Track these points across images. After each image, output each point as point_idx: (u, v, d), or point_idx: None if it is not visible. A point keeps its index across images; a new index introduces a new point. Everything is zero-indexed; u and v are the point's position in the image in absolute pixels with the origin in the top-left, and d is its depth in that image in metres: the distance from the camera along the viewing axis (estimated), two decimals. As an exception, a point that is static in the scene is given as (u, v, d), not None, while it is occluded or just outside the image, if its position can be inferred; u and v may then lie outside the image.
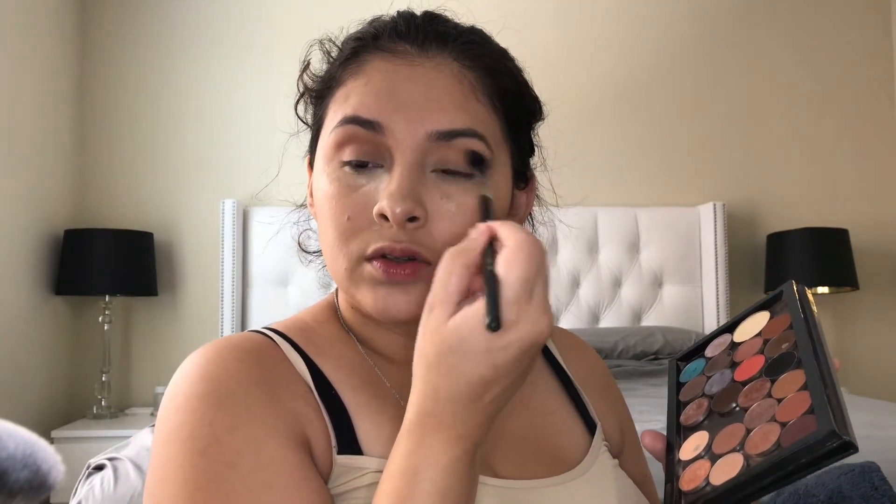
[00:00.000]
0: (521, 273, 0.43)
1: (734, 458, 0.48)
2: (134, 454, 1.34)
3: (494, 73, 0.58)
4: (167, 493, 0.48)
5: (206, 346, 0.54)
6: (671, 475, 0.52)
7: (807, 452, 0.44)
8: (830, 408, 0.45)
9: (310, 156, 0.64)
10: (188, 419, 0.49)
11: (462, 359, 0.43)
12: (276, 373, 0.54)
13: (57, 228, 2.64)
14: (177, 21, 2.88)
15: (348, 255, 0.55)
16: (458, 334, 0.43)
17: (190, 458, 0.48)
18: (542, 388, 0.66)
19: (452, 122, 0.54)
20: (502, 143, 0.58)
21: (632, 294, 2.86)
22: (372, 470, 0.52)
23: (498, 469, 0.57)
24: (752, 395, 0.52)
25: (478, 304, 0.43)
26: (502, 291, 0.42)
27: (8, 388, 2.32)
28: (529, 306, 0.42)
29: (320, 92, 0.61)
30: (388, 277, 0.53)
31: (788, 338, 0.55)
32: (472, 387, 0.43)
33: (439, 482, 0.44)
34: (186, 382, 0.51)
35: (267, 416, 0.51)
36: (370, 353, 0.60)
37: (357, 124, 0.55)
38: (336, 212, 0.55)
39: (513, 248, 0.44)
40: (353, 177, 0.55)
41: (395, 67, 0.56)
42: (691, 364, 0.63)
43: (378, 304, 0.54)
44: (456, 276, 0.44)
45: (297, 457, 0.50)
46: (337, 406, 0.54)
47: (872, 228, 3.03)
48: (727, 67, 3.07)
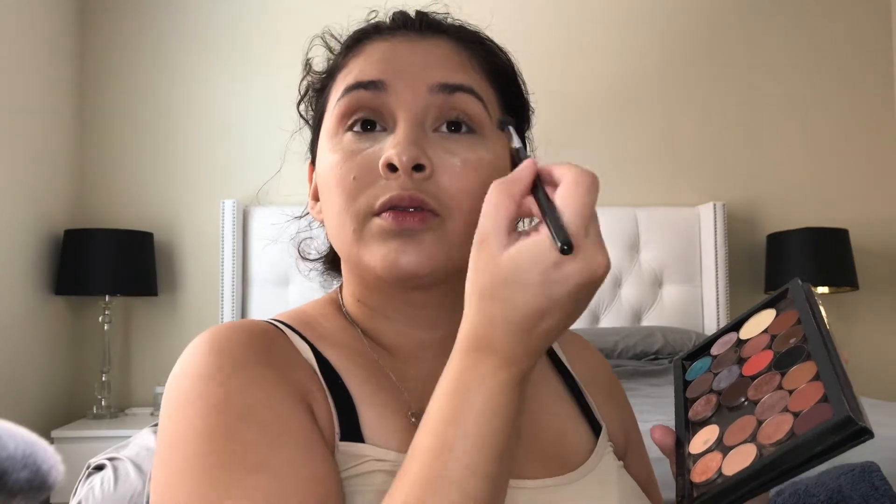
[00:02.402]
0: (578, 207, 0.43)
1: (747, 449, 0.48)
2: (134, 454, 1.34)
3: (490, 52, 0.62)
4: (180, 453, 0.47)
5: (211, 329, 0.54)
6: (682, 469, 0.52)
7: (822, 439, 0.43)
8: (844, 395, 0.45)
9: (311, 156, 0.65)
10: (198, 384, 0.49)
11: (519, 290, 0.43)
12: (283, 355, 0.54)
13: (57, 228, 2.64)
14: (177, 21, 2.88)
15: (356, 213, 0.55)
16: (515, 265, 0.43)
17: (203, 415, 0.48)
18: (547, 390, 0.66)
19: (453, 77, 0.56)
20: (500, 115, 0.60)
21: (632, 294, 2.86)
22: (373, 458, 0.51)
23: None
24: (762, 388, 0.52)
25: (535, 237, 0.43)
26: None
27: (8, 388, 2.32)
28: (587, 240, 0.42)
29: (323, 83, 0.63)
30: (398, 225, 0.53)
31: (796, 333, 0.55)
32: (528, 317, 0.43)
33: (488, 402, 0.44)
34: (196, 356, 0.51)
35: (279, 380, 0.51)
36: (375, 347, 0.60)
37: (360, 88, 0.56)
38: (342, 174, 0.55)
39: (570, 183, 0.44)
40: (357, 142, 0.56)
41: (395, 45, 0.59)
42: (697, 362, 0.63)
43: (388, 258, 0.53)
44: (504, 208, 0.45)
45: (309, 419, 0.50)
46: (342, 393, 0.54)
47: (872, 228, 3.03)
48: (727, 67, 3.07)
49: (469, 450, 0.43)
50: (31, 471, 0.91)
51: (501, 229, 0.44)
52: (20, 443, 0.92)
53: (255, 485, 0.45)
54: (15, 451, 0.90)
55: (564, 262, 0.42)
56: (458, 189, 0.54)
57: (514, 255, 0.43)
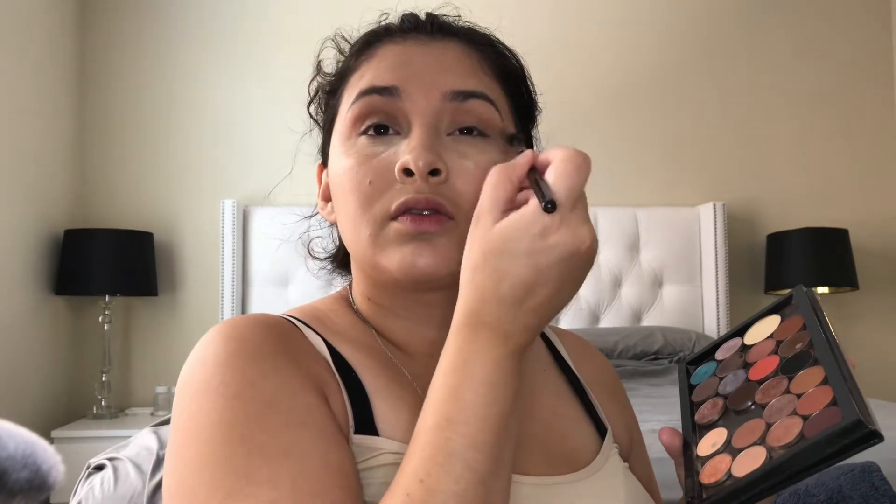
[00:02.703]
0: (567, 182, 0.46)
1: (756, 451, 0.48)
2: (134, 454, 1.34)
3: (499, 55, 0.62)
4: (200, 441, 0.46)
5: (225, 321, 0.53)
6: (691, 470, 0.52)
7: (832, 442, 0.44)
8: (854, 399, 0.45)
9: (322, 158, 0.65)
10: (218, 370, 0.49)
11: (506, 260, 0.45)
12: (298, 347, 0.54)
13: (57, 228, 2.64)
14: (177, 21, 2.88)
15: (372, 218, 0.55)
16: (503, 237, 0.45)
17: (223, 402, 0.47)
18: (553, 390, 0.66)
19: (465, 84, 0.57)
20: (510, 118, 0.61)
21: (632, 294, 2.86)
22: (388, 451, 0.51)
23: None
24: (770, 392, 0.52)
25: (524, 209, 0.46)
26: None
27: (8, 388, 2.32)
28: (573, 214, 0.45)
29: (334, 85, 0.64)
30: (416, 228, 0.54)
31: (802, 338, 0.55)
32: (515, 289, 0.45)
33: (488, 374, 0.45)
34: (212, 346, 0.51)
35: (297, 371, 0.51)
36: (386, 344, 0.60)
37: (374, 93, 0.57)
38: (358, 179, 0.56)
39: (561, 160, 0.47)
40: (372, 146, 0.57)
41: (407, 49, 0.59)
42: (702, 367, 0.63)
43: (405, 261, 0.54)
44: (502, 188, 0.47)
45: (327, 410, 0.50)
46: (356, 386, 0.54)
47: (872, 228, 3.03)
48: (727, 67, 3.07)
49: (470, 421, 0.44)
50: (31, 471, 0.91)
51: (497, 207, 0.47)
52: (20, 443, 0.92)
53: (279, 471, 0.45)
54: (15, 451, 0.90)
55: (550, 231, 0.44)
56: (472, 192, 0.54)
57: (504, 226, 0.46)
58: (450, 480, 0.43)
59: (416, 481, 0.43)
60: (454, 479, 0.43)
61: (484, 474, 0.44)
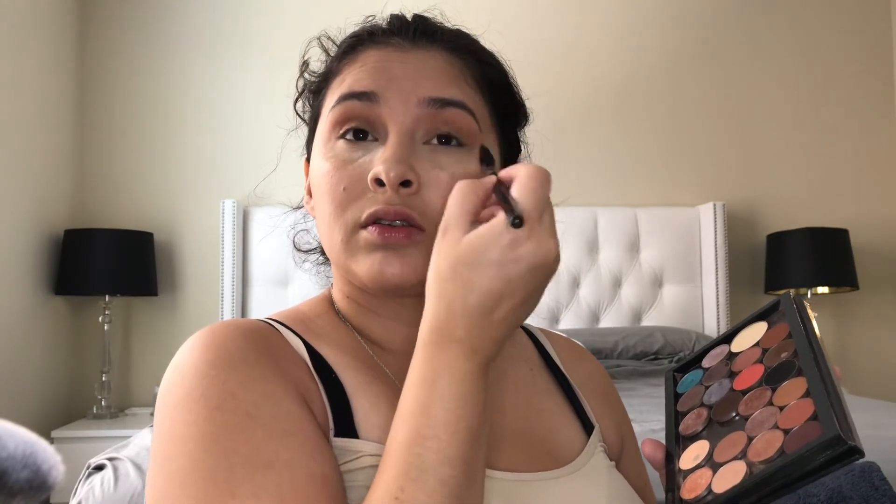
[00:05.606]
0: (531, 197, 0.47)
1: (737, 466, 0.48)
2: (134, 454, 1.34)
3: (482, 63, 0.62)
4: (182, 453, 0.46)
5: (205, 329, 0.54)
6: (672, 485, 0.52)
7: (812, 458, 0.43)
8: (835, 413, 0.45)
9: (307, 154, 0.65)
10: (198, 381, 0.49)
11: (475, 271, 0.46)
12: (278, 351, 0.54)
13: (57, 228, 2.64)
14: (176, 21, 2.88)
15: (344, 224, 0.56)
16: (472, 248, 0.46)
17: (205, 414, 0.47)
18: (540, 388, 0.66)
19: (443, 92, 0.57)
20: (490, 128, 0.61)
21: (632, 294, 2.86)
22: (367, 453, 0.51)
23: (491, 462, 0.56)
24: (753, 403, 0.52)
25: (492, 221, 0.46)
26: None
27: (8, 388, 2.32)
28: (540, 226, 0.46)
29: (318, 85, 0.64)
30: (384, 240, 0.54)
31: (788, 347, 0.55)
32: (484, 299, 0.46)
33: (457, 389, 0.46)
34: (192, 354, 0.51)
35: (278, 377, 0.51)
36: (368, 343, 0.61)
37: (353, 98, 0.57)
38: (332, 184, 0.56)
39: (525, 175, 0.48)
40: (349, 151, 0.57)
41: (388, 55, 0.59)
42: (688, 375, 0.63)
43: (373, 269, 0.55)
44: (469, 201, 0.48)
45: (310, 416, 0.51)
46: (336, 388, 0.55)
47: (872, 228, 3.03)
48: (727, 67, 3.07)
49: (440, 436, 0.45)
50: (32, 471, 0.91)
51: (464, 220, 0.48)
52: (20, 443, 0.92)
53: (264, 483, 0.45)
54: (15, 451, 0.90)
55: (519, 243, 0.45)
56: (444, 202, 0.54)
57: (473, 239, 0.46)
58: (423, 496, 0.44)
59: (391, 498, 0.44)
60: (427, 493, 0.44)
61: (457, 488, 0.44)
